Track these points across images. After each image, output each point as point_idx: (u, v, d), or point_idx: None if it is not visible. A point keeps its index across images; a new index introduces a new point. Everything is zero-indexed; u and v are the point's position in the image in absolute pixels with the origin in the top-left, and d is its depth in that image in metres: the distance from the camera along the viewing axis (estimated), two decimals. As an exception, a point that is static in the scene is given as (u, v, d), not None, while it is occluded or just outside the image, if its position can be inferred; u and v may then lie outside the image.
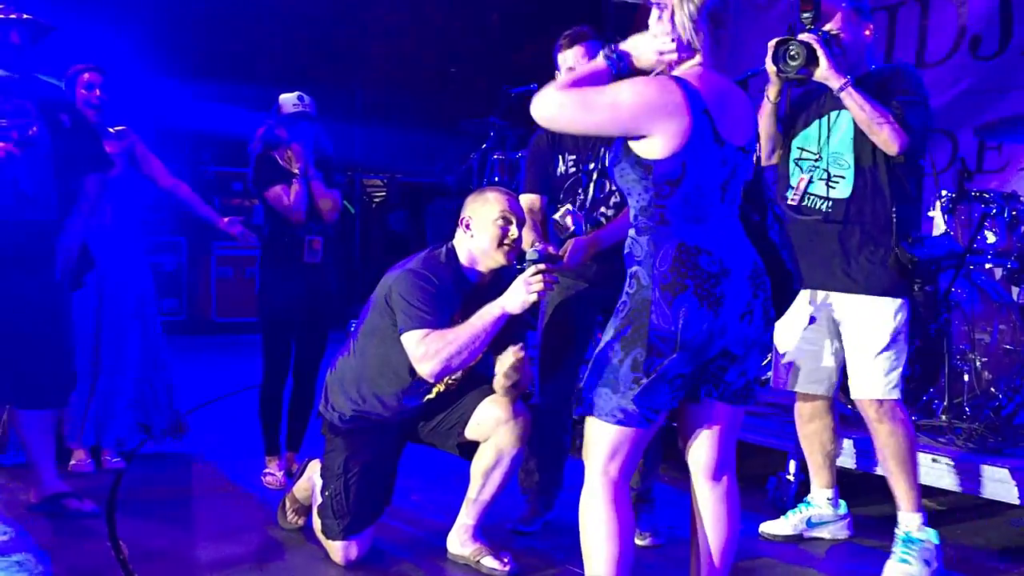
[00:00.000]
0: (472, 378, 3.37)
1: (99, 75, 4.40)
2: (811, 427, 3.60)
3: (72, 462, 4.36)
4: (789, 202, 3.37)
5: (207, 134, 9.58)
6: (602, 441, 2.44)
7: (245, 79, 9.04)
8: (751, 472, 4.19)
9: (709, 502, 2.56)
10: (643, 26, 2.50)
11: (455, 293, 3.19)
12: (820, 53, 3.10)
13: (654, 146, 2.34)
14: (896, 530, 3.29)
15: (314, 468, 3.53)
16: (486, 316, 3.03)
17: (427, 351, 3.03)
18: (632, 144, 2.37)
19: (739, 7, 2.59)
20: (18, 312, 3.63)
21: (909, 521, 3.25)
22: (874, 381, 3.28)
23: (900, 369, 3.30)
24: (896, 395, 3.29)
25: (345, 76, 10.81)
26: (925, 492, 3.95)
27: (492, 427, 3.25)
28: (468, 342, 3.02)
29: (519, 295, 3.00)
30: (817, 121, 3.34)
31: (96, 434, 4.49)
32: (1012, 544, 3.70)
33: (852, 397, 3.41)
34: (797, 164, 3.40)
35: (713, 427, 2.54)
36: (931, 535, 3.25)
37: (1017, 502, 3.46)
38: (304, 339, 4.30)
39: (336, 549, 3.29)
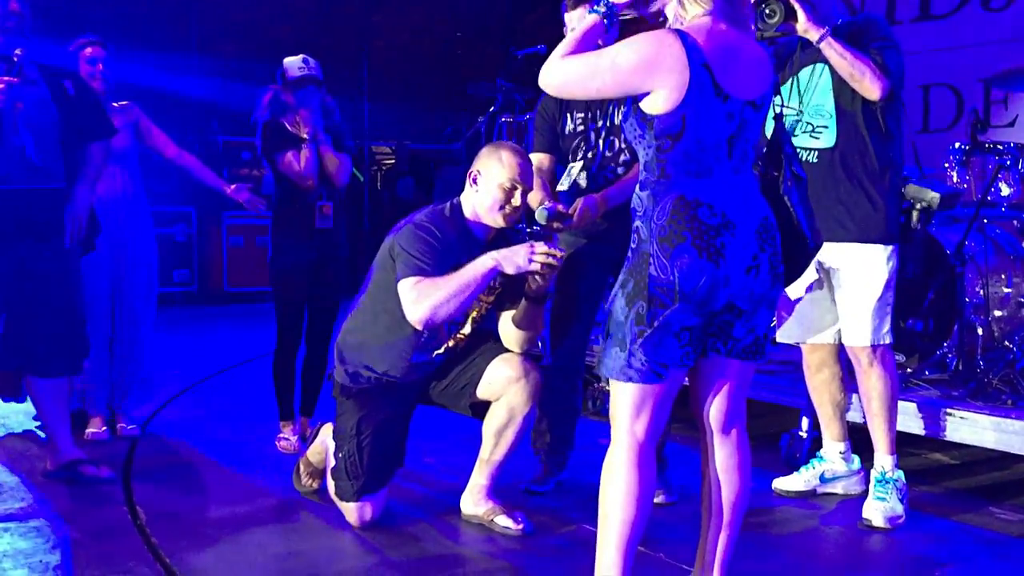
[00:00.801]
0: (482, 336, 3.36)
1: (102, 49, 4.39)
2: (819, 377, 3.63)
3: (89, 430, 4.39)
4: None
5: (215, 104, 9.57)
6: (624, 401, 2.44)
7: (252, 49, 9.00)
8: (764, 431, 4.20)
9: (720, 456, 2.56)
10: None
11: (459, 247, 3.17)
12: (797, 7, 3.18)
13: (656, 100, 2.33)
14: (872, 471, 3.43)
15: (327, 432, 3.54)
16: (478, 267, 3.02)
17: (416, 296, 3.03)
18: (637, 99, 2.36)
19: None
20: (29, 280, 3.65)
21: (885, 462, 3.39)
22: (869, 328, 3.36)
23: (891, 315, 3.39)
24: (889, 339, 3.39)
25: (352, 44, 10.75)
26: (939, 446, 3.96)
27: (503, 386, 3.25)
28: (457, 290, 3.01)
29: (517, 259, 2.99)
30: (793, 77, 3.40)
31: (113, 400, 4.52)
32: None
33: (846, 344, 3.45)
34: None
35: (722, 381, 2.52)
36: (901, 475, 3.41)
37: None
38: (316, 305, 4.30)
39: (351, 510, 3.31)
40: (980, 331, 3.98)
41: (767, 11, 3.18)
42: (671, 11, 2.43)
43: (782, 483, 3.71)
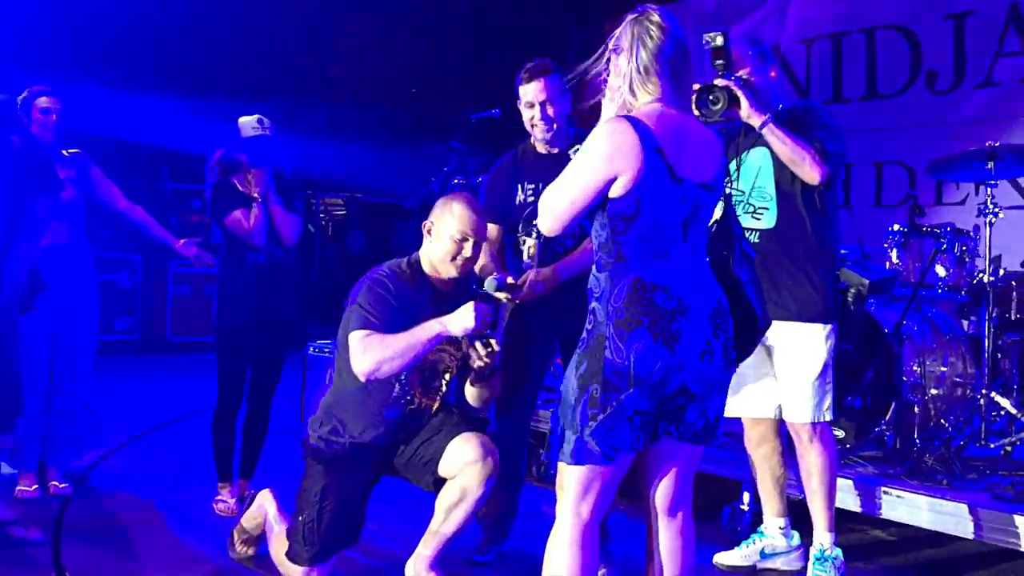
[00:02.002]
0: (449, 408, 3.38)
1: (57, 100, 4.34)
2: (760, 452, 3.68)
3: (19, 487, 4.26)
4: None
5: (165, 150, 9.50)
6: (571, 482, 2.44)
7: (205, 94, 8.99)
8: (705, 502, 4.21)
9: (665, 537, 2.57)
10: (604, 55, 2.53)
11: (416, 300, 3.22)
12: (740, 95, 3.29)
13: (614, 185, 2.37)
14: (811, 548, 3.46)
15: (264, 498, 3.49)
16: (426, 331, 3.07)
17: (363, 348, 3.08)
18: None
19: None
20: None
21: (824, 539, 3.42)
22: (810, 405, 3.42)
23: (831, 392, 3.45)
24: (829, 416, 3.45)
25: (307, 93, 10.78)
26: (878, 523, 4.01)
27: (459, 467, 3.23)
28: (403, 350, 3.06)
29: (464, 322, 3.03)
30: (736, 159, 3.50)
31: (45, 456, 4.41)
32: None
33: (787, 420, 3.52)
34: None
35: (670, 464, 2.54)
36: (839, 553, 3.43)
37: (968, 535, 3.50)
38: (260, 365, 4.26)
39: (297, 574, 3.26)
40: (917, 410, 4.06)
41: (711, 98, 3.27)
42: (619, 99, 2.47)
43: (723, 558, 3.72)
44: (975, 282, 4.25)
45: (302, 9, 9.58)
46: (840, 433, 4.10)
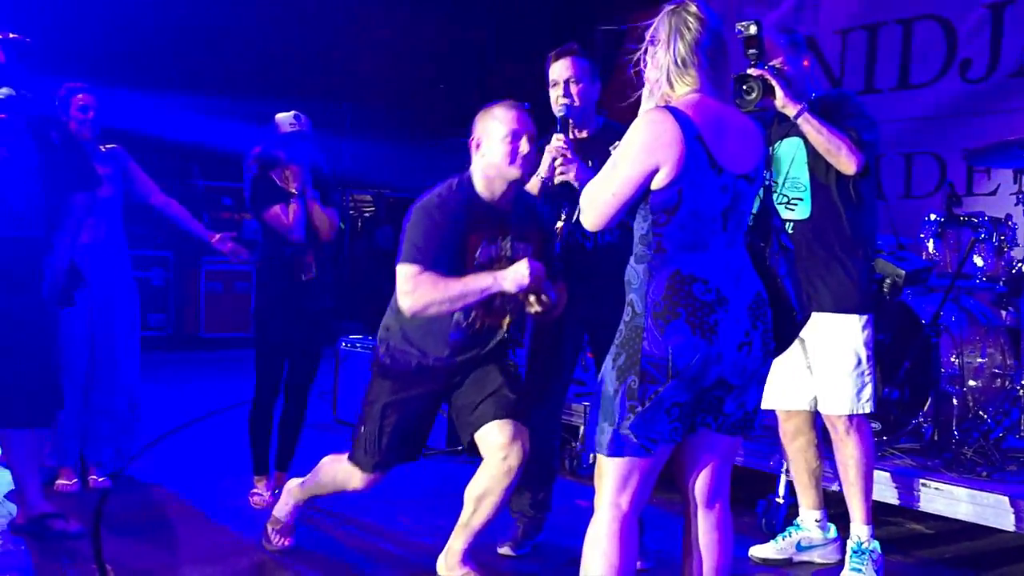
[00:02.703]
0: (507, 361, 3.37)
1: (93, 97, 4.39)
2: (795, 444, 3.65)
3: (59, 481, 4.32)
4: None
5: (196, 148, 9.58)
6: (610, 474, 2.44)
7: (234, 93, 9.04)
8: (741, 495, 4.19)
9: (702, 529, 2.56)
10: (630, 50, 2.52)
11: (470, 218, 3.15)
12: (775, 84, 3.27)
13: (656, 176, 2.36)
14: (848, 541, 3.43)
15: (292, 485, 3.54)
16: (480, 282, 3.03)
17: (413, 288, 3.05)
18: None
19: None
20: (4, 330, 3.60)
21: (861, 532, 3.40)
22: (847, 397, 3.40)
23: (871, 384, 3.42)
24: (868, 409, 3.43)
25: (335, 90, 10.82)
26: (916, 516, 3.97)
27: (490, 451, 3.22)
28: (454, 297, 3.04)
29: (518, 278, 2.99)
30: (770, 149, 3.46)
31: (84, 452, 4.46)
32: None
33: (823, 412, 3.49)
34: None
35: (709, 456, 2.53)
36: (876, 546, 3.40)
37: (1009, 528, 3.45)
38: (297, 359, 4.29)
39: (358, 477, 3.35)
40: (955, 401, 4.02)
41: (745, 88, 3.26)
42: (658, 91, 2.45)
43: (759, 551, 3.70)
44: (1014, 272, 4.19)
45: (329, 8, 9.62)
46: (877, 425, 4.06)
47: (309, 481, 3.53)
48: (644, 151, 2.35)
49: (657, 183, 2.35)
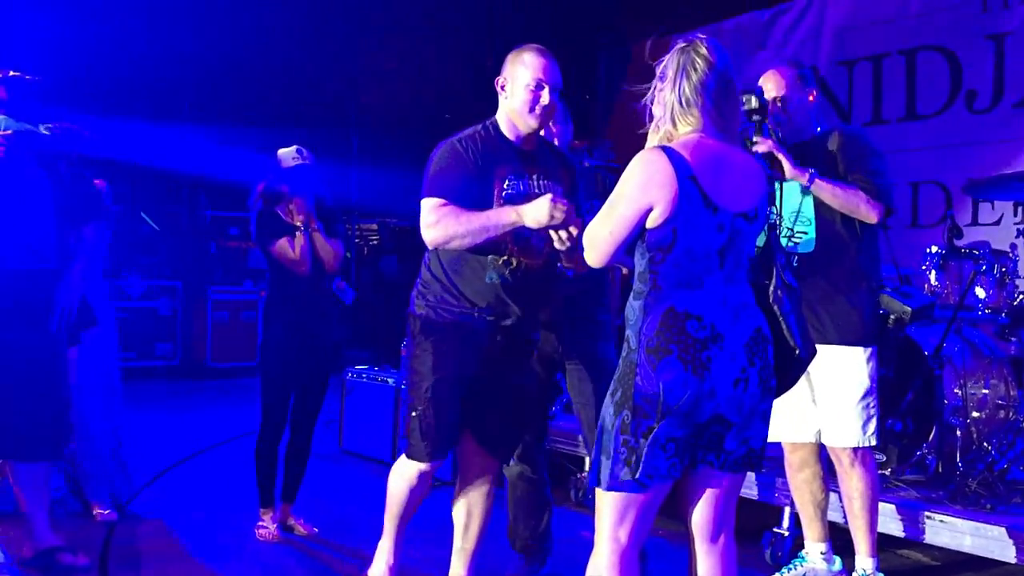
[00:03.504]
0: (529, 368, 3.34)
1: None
2: (800, 476, 3.65)
3: (95, 510, 4.39)
4: None
5: (203, 178, 9.66)
6: (608, 508, 2.46)
7: (241, 122, 9.13)
8: (746, 527, 4.20)
9: (707, 563, 2.57)
10: (636, 74, 2.57)
11: (496, 156, 3.12)
12: (782, 159, 3.34)
13: (650, 215, 2.40)
14: (853, 574, 3.45)
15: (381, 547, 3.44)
16: (502, 217, 3.01)
17: (436, 219, 3.03)
18: None
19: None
20: (15, 364, 3.62)
21: (866, 564, 3.41)
22: (852, 430, 3.41)
23: (876, 416, 3.44)
24: (873, 442, 3.44)
25: (339, 120, 10.91)
26: (920, 547, 3.97)
27: (468, 469, 3.30)
28: (476, 230, 3.00)
29: (539, 215, 2.93)
30: (778, 183, 3.47)
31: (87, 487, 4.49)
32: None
33: (828, 445, 3.50)
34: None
35: (712, 491, 2.54)
36: None
37: (1012, 560, 3.46)
38: (304, 391, 4.32)
39: (415, 471, 3.23)
40: (959, 433, 4.02)
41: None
42: (662, 128, 2.49)
43: None
44: (1016, 303, 4.21)
45: (332, 38, 9.72)
46: (881, 457, 4.07)
47: (387, 506, 3.38)
48: (638, 190, 2.40)
49: (652, 222, 2.40)
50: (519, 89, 3.11)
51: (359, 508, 4.98)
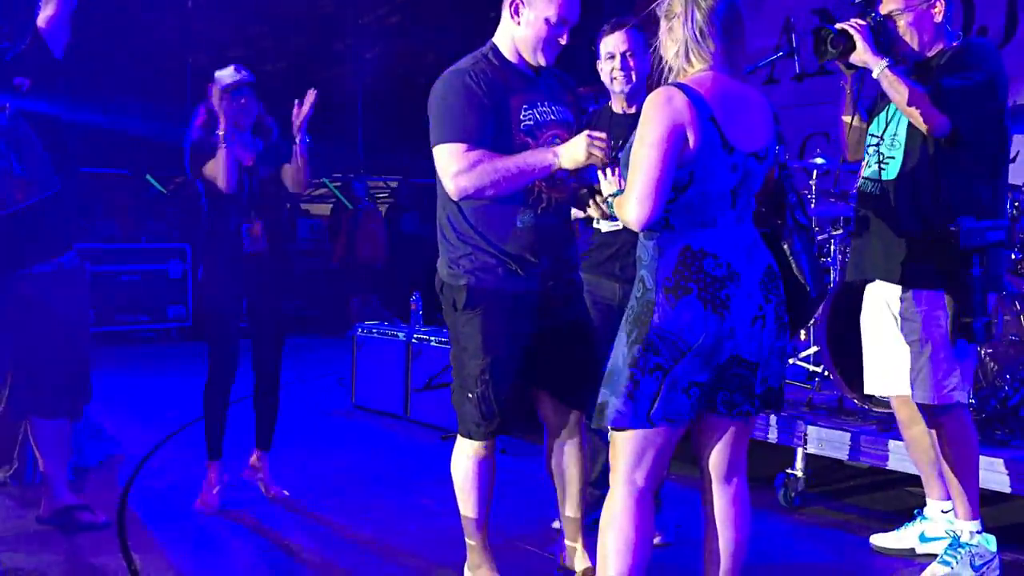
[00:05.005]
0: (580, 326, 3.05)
1: None
2: (910, 432, 3.41)
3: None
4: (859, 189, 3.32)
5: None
6: (624, 449, 2.45)
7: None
8: (760, 469, 4.21)
9: (719, 504, 2.56)
10: (642, 16, 2.50)
11: (502, 80, 2.84)
12: (857, 37, 3.04)
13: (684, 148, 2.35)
14: (946, 531, 3.30)
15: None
16: (539, 160, 2.73)
17: (467, 166, 2.72)
18: None
19: None
20: (36, 314, 3.59)
21: (964, 527, 3.18)
22: (927, 384, 3.14)
23: (957, 370, 3.13)
24: (958, 398, 3.15)
25: (347, 80, 10.83)
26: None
27: (552, 425, 3.11)
28: (514, 176, 2.72)
29: (577, 154, 2.68)
30: (887, 106, 3.22)
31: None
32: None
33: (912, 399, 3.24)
34: (867, 151, 3.32)
35: (728, 432, 2.53)
36: (986, 541, 3.18)
37: (1008, 490, 3.43)
38: (259, 335, 4.12)
39: (473, 450, 3.00)
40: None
41: (824, 40, 3.09)
42: (676, 66, 2.44)
43: (881, 540, 3.55)
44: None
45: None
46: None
47: (460, 499, 3.07)
48: (667, 129, 2.31)
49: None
50: (537, 19, 2.81)
51: (373, 459, 5.02)
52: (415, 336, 5.88)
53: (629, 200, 2.36)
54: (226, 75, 3.96)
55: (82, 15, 3.64)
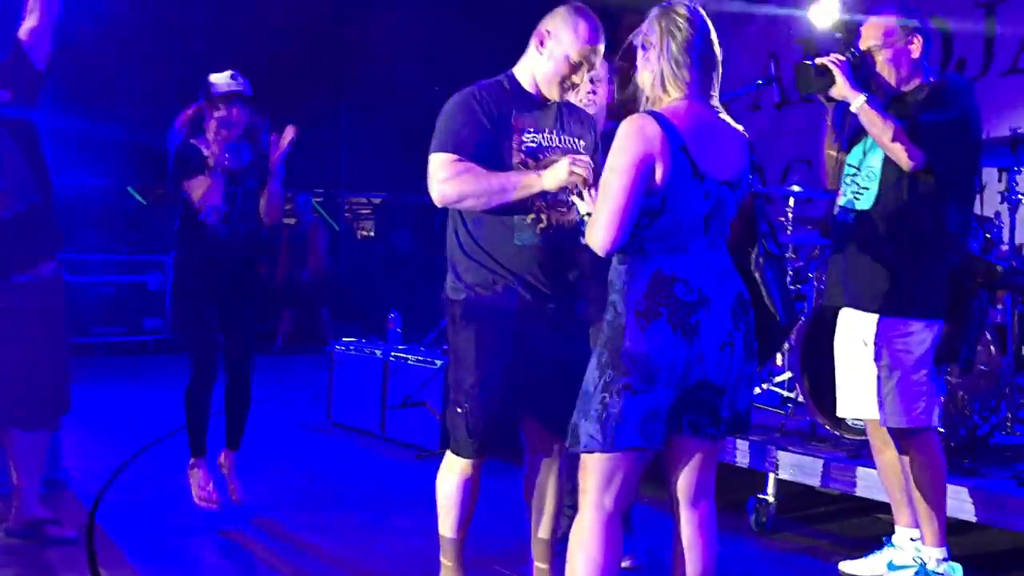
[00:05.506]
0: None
1: None
2: (882, 458, 3.42)
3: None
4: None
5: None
6: (593, 473, 2.46)
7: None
8: (731, 495, 4.23)
9: (687, 529, 2.57)
10: (624, 43, 2.54)
11: (510, 104, 2.92)
12: (836, 72, 3.13)
13: (652, 176, 2.38)
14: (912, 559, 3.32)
15: None
16: (523, 179, 2.80)
17: (450, 175, 2.83)
18: None
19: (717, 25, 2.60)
20: (14, 320, 3.57)
21: (931, 555, 3.21)
22: (896, 408, 3.19)
23: (928, 395, 3.19)
24: (927, 422, 3.19)
25: (330, 93, 10.83)
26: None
27: (535, 450, 3.12)
28: (493, 190, 2.80)
29: (559, 174, 2.72)
30: (865, 137, 3.28)
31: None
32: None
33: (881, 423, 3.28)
34: (844, 181, 3.37)
35: (696, 456, 2.54)
36: (952, 569, 3.20)
37: (973, 519, 3.46)
38: (231, 333, 4.10)
39: (459, 467, 3.01)
40: (942, 398, 4.02)
41: (804, 75, 3.17)
42: (652, 95, 2.47)
43: (849, 567, 3.55)
44: (999, 269, 4.20)
45: (322, 6, 9.61)
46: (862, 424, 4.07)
47: (440, 515, 3.07)
48: (637, 157, 2.35)
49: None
50: (559, 55, 2.89)
51: (347, 479, 5.01)
52: (392, 354, 5.88)
53: (595, 225, 2.41)
54: (222, 82, 3.92)
55: (68, 21, 3.63)
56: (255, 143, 4.08)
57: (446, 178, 2.84)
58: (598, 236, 2.40)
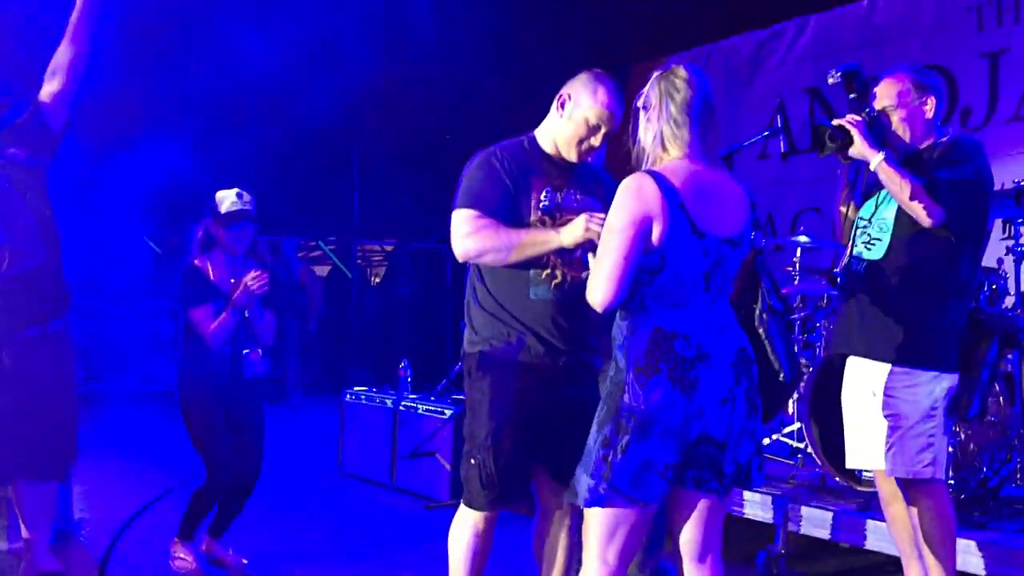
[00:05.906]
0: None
1: None
2: (891, 510, 3.38)
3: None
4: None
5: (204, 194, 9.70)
6: (596, 527, 2.47)
7: (243, 144, 9.17)
8: (740, 548, 4.21)
9: (693, 584, 2.58)
10: (634, 90, 2.60)
11: (530, 164, 3.03)
12: (854, 132, 3.19)
13: (649, 236, 2.42)
14: None
15: None
16: (542, 236, 2.90)
17: (473, 230, 2.94)
18: None
19: (720, 82, 2.64)
20: (19, 374, 3.60)
21: None
22: (902, 458, 3.18)
23: (933, 445, 3.16)
24: (932, 474, 3.16)
25: (342, 140, 10.95)
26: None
27: (547, 504, 3.14)
28: (513, 246, 2.90)
29: (576, 231, 2.82)
30: (878, 192, 3.34)
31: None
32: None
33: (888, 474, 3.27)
34: (855, 232, 3.41)
35: (701, 510, 2.55)
36: None
37: (982, 572, 3.42)
38: (241, 438, 4.06)
39: (473, 520, 3.03)
40: (951, 449, 4.01)
41: (823, 136, 3.21)
42: (653, 155, 2.52)
43: None
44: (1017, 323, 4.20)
45: (334, 57, 9.75)
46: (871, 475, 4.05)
47: (451, 567, 3.09)
48: (636, 216, 2.40)
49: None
50: (578, 118, 2.99)
51: (358, 530, 5.00)
52: (403, 403, 5.90)
53: (593, 283, 2.47)
54: (227, 201, 3.99)
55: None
56: (259, 257, 4.13)
57: (468, 233, 2.95)
58: (596, 293, 2.45)
